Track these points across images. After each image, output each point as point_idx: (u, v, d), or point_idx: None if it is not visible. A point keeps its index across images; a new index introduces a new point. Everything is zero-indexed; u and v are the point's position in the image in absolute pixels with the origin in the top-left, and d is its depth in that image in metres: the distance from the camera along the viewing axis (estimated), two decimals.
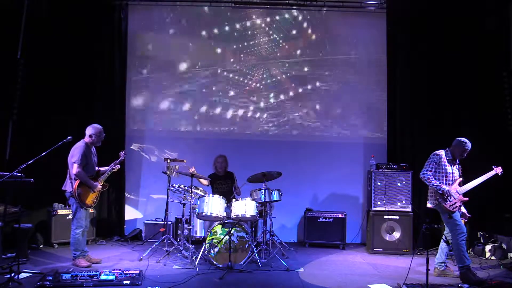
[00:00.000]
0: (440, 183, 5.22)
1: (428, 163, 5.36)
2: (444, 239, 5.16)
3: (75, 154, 5.33)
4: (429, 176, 5.24)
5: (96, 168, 5.64)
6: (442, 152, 5.36)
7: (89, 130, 5.52)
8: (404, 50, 7.26)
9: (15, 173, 4.75)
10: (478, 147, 6.75)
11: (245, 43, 7.69)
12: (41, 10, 6.87)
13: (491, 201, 6.60)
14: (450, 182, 5.28)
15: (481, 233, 6.54)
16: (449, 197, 5.16)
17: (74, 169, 5.29)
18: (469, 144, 5.33)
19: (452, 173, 5.31)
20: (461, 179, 5.34)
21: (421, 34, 7.13)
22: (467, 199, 5.26)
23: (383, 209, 6.56)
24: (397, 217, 6.53)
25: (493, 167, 5.35)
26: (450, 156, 5.35)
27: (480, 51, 6.87)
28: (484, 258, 6.22)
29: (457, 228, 5.14)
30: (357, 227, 7.36)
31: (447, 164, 5.30)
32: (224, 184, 6.68)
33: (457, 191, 5.23)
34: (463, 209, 5.34)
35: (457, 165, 5.41)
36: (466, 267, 5.05)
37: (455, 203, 5.17)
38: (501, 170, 5.32)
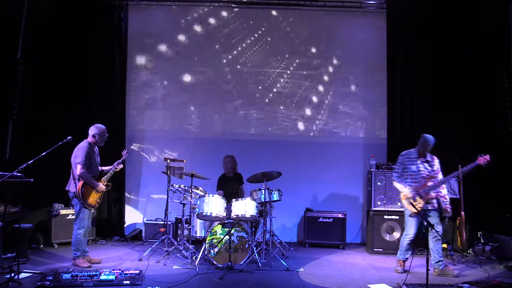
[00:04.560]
0: (405, 184, 5.35)
1: (396, 165, 5.54)
2: (431, 238, 5.23)
3: (78, 154, 5.33)
4: (394, 179, 5.47)
5: (100, 168, 5.64)
6: (408, 152, 5.49)
7: (92, 130, 5.52)
8: (404, 50, 7.26)
9: (15, 173, 4.75)
10: (478, 147, 6.77)
11: (245, 43, 7.69)
12: (41, 10, 6.87)
13: (491, 201, 6.61)
14: (417, 180, 5.34)
15: (481, 233, 6.54)
16: (412, 198, 5.26)
17: (78, 170, 5.29)
18: (430, 139, 5.36)
19: (418, 171, 5.35)
20: (433, 175, 5.31)
21: (421, 34, 7.13)
22: (433, 195, 5.26)
23: (383, 209, 6.56)
24: (397, 217, 6.52)
25: (478, 156, 5.20)
26: (416, 154, 5.42)
27: (480, 51, 6.86)
28: (484, 258, 6.21)
29: (406, 229, 5.43)
30: (357, 227, 7.36)
31: (412, 163, 5.39)
32: (233, 186, 6.70)
33: (422, 191, 5.26)
34: (445, 205, 5.30)
35: (429, 162, 5.40)
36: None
37: (419, 203, 5.25)
38: (487, 159, 5.15)
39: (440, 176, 5.38)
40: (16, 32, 6.64)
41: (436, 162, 5.44)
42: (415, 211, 5.21)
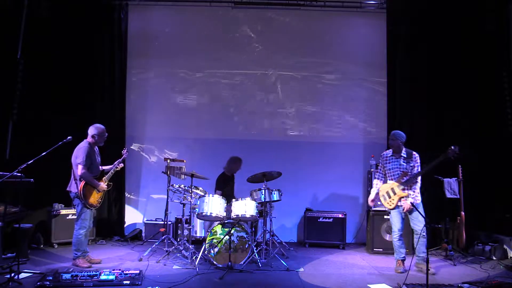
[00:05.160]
0: (379, 182, 5.67)
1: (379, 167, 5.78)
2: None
3: (79, 155, 5.32)
4: (373, 178, 5.82)
5: (100, 167, 5.64)
6: (385, 152, 5.72)
7: (91, 130, 5.51)
8: (404, 50, 7.26)
9: (15, 173, 4.75)
10: (478, 147, 6.78)
11: (245, 44, 7.69)
12: (41, 10, 6.88)
13: (491, 201, 6.61)
14: (393, 178, 5.50)
15: (481, 233, 6.53)
16: (382, 197, 5.55)
17: (79, 170, 5.28)
18: (398, 135, 5.51)
19: (392, 168, 5.52)
20: (407, 172, 5.40)
21: (421, 34, 7.13)
22: (405, 194, 5.36)
23: (383, 209, 6.53)
24: None
25: (448, 148, 5.18)
26: (391, 153, 5.61)
27: (480, 51, 6.86)
28: (484, 258, 6.21)
29: (392, 227, 5.57)
30: (357, 227, 7.36)
31: (387, 161, 5.60)
32: (232, 186, 6.74)
33: (393, 188, 5.43)
34: (408, 202, 5.36)
35: (405, 158, 5.47)
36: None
37: (393, 200, 5.44)
38: (456, 151, 5.14)
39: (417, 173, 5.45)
40: (16, 32, 6.64)
41: (414, 158, 5.47)
42: (390, 207, 5.46)
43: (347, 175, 7.54)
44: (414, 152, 5.51)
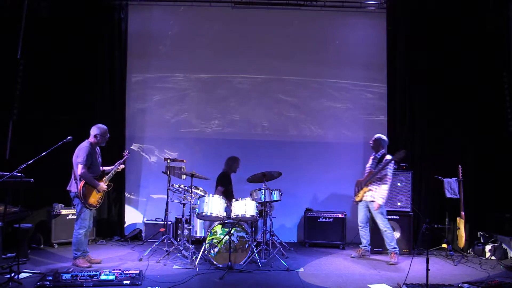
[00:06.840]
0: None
1: None
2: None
3: (80, 154, 5.32)
4: None
5: (101, 168, 5.64)
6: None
7: (94, 130, 5.50)
8: (404, 50, 7.25)
9: (15, 173, 4.75)
10: (478, 147, 6.79)
11: (245, 43, 7.69)
12: (41, 10, 6.88)
13: (491, 201, 6.61)
14: (365, 174, 6.19)
15: (481, 233, 6.53)
16: (354, 190, 6.29)
17: (79, 169, 5.28)
18: (379, 139, 6.09)
19: (368, 167, 6.16)
20: (372, 171, 6.01)
21: (421, 34, 7.13)
22: (367, 190, 6.03)
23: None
24: (397, 217, 6.52)
25: (396, 152, 5.84)
26: (374, 154, 6.18)
27: (480, 51, 6.86)
28: (484, 258, 6.21)
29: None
30: (357, 227, 7.34)
31: (369, 160, 6.22)
32: (231, 185, 6.74)
33: (363, 182, 6.08)
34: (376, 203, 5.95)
35: (378, 159, 6.04)
36: None
37: (358, 194, 6.16)
38: (403, 154, 5.79)
39: (383, 173, 5.94)
40: (16, 32, 6.64)
41: (385, 161, 5.92)
42: (357, 199, 6.18)
43: (347, 175, 7.51)
44: (387, 157, 6.01)
